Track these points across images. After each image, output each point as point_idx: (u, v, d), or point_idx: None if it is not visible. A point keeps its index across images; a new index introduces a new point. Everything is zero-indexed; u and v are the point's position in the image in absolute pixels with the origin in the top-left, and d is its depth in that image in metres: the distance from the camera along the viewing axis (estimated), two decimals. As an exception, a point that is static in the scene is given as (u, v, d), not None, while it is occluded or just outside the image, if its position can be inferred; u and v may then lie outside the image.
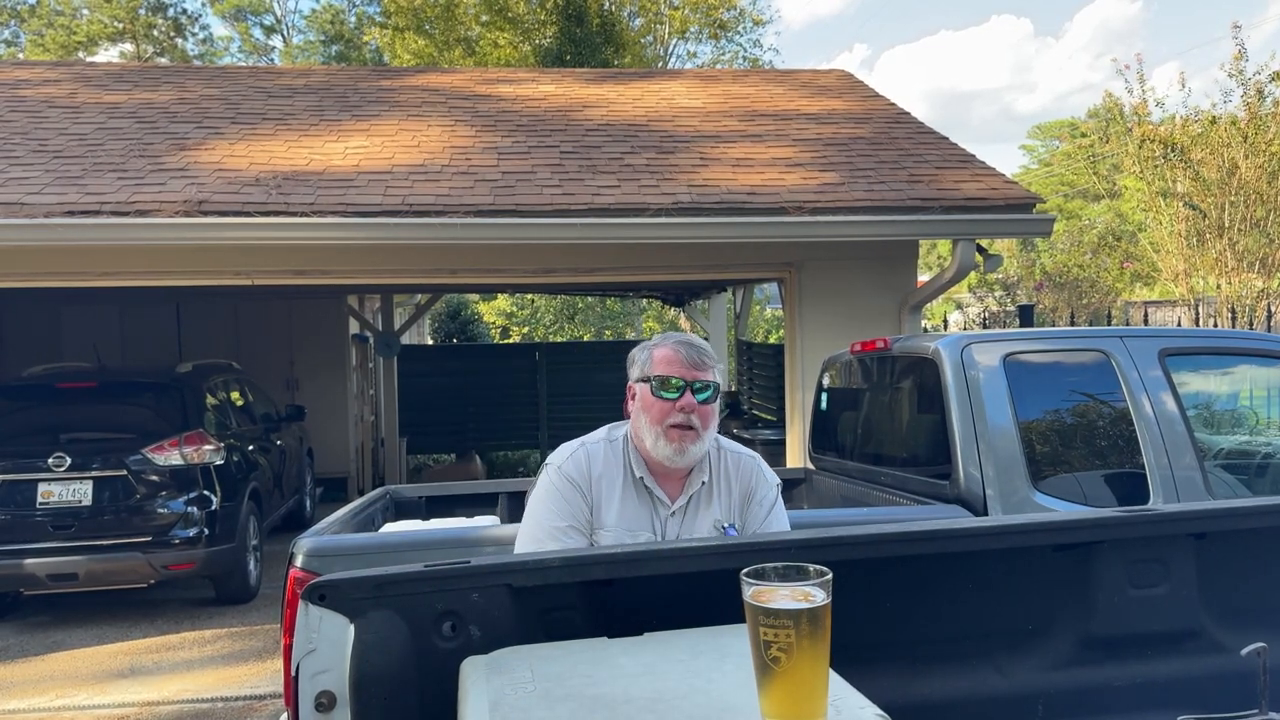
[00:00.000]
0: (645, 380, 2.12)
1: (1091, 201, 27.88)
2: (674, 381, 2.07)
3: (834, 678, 1.21)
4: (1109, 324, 12.90)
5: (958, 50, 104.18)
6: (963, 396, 3.52)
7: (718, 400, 2.14)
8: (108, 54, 28.23)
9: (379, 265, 6.59)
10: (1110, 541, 1.71)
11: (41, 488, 6.21)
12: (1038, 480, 3.47)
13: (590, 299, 17.56)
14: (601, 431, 2.22)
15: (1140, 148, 12.13)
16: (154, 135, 7.08)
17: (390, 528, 3.57)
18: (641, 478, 2.13)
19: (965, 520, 3.01)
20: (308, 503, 9.54)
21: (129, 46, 28.56)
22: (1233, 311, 11.06)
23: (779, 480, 2.28)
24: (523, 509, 2.20)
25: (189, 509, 6.44)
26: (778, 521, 2.21)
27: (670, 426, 2.07)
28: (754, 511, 2.20)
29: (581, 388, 12.57)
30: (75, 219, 5.65)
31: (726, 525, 2.15)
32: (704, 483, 2.17)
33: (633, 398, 2.17)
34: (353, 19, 28.58)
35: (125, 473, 6.33)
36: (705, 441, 2.11)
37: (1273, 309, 11.23)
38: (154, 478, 6.41)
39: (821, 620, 1.14)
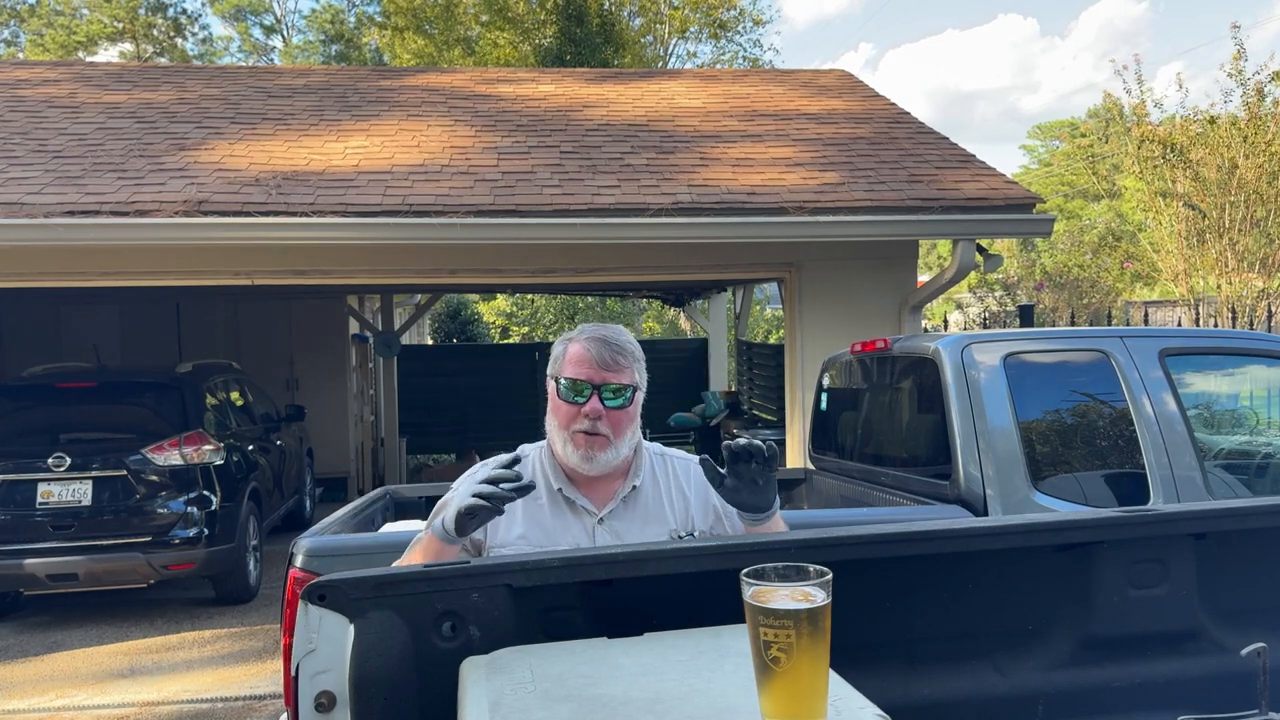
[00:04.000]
0: (555, 379, 1.99)
1: (1091, 201, 27.89)
2: (581, 384, 1.93)
3: (834, 678, 1.21)
4: (1109, 324, 12.90)
5: (962, 50, 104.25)
6: (963, 396, 3.52)
7: (635, 403, 1.99)
8: (107, 54, 28.27)
9: (379, 265, 6.59)
10: (1110, 542, 1.71)
11: (41, 488, 6.21)
12: (1038, 480, 3.47)
13: (590, 299, 17.57)
14: (520, 450, 2.07)
15: (1139, 148, 12.13)
16: (154, 135, 7.08)
17: (390, 528, 3.57)
18: (560, 489, 2.00)
19: (965, 520, 3.01)
20: (308, 503, 9.54)
21: (129, 46, 28.57)
22: (1233, 311, 11.06)
23: None
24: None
25: (189, 509, 6.44)
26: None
27: (576, 431, 1.94)
28: (728, 513, 2.03)
29: (581, 388, 12.55)
30: (75, 219, 5.65)
31: (684, 535, 2.02)
32: (635, 487, 2.02)
33: (549, 394, 2.05)
34: (353, 19, 28.60)
35: (125, 473, 6.33)
36: (619, 448, 1.96)
37: (1273, 309, 11.24)
38: (154, 478, 6.41)
39: (821, 620, 1.14)
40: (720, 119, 8.00)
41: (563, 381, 1.96)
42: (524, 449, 2.09)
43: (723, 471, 1.87)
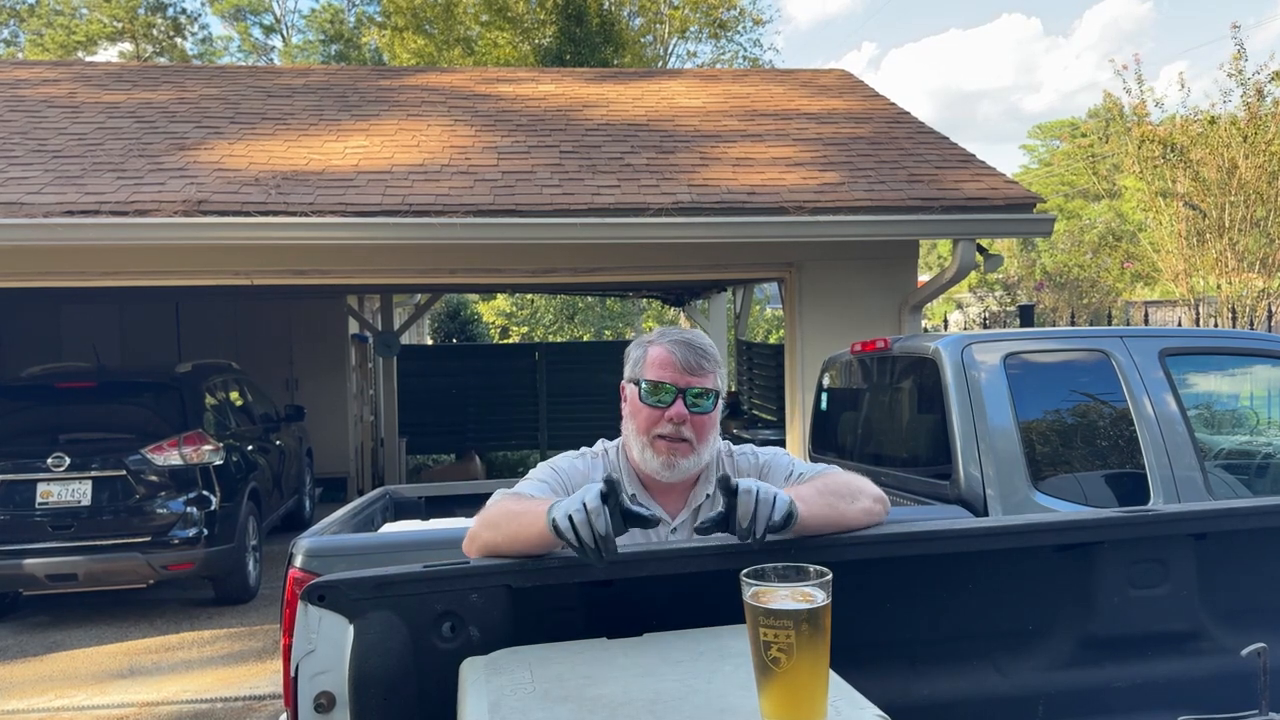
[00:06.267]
0: (636, 382, 1.92)
1: (1091, 201, 27.88)
2: (665, 387, 1.86)
3: (834, 678, 1.21)
4: (1109, 324, 12.90)
5: (965, 49, 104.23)
6: (963, 396, 3.52)
7: (717, 408, 1.92)
8: (107, 54, 28.25)
9: (379, 265, 6.59)
10: (1110, 542, 1.71)
11: (41, 488, 6.21)
12: (1038, 480, 3.47)
13: (590, 299, 17.57)
14: (599, 444, 2.05)
15: (1140, 148, 12.13)
16: (153, 135, 7.07)
17: (390, 528, 3.57)
18: (634, 495, 1.91)
19: (965, 521, 3.01)
20: (307, 503, 9.53)
21: (128, 46, 28.56)
22: (1233, 311, 11.06)
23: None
24: None
25: (188, 509, 6.44)
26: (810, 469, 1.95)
27: (658, 436, 1.87)
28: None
29: (581, 388, 12.58)
30: (75, 219, 5.65)
31: None
32: (709, 495, 1.93)
33: (625, 399, 1.98)
34: (352, 19, 28.60)
35: (124, 473, 6.32)
36: (701, 454, 1.90)
37: (1273, 309, 11.24)
38: (153, 478, 6.41)
39: (821, 621, 1.14)
40: (720, 119, 7.99)
41: (644, 384, 1.89)
42: (602, 445, 2.03)
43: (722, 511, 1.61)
